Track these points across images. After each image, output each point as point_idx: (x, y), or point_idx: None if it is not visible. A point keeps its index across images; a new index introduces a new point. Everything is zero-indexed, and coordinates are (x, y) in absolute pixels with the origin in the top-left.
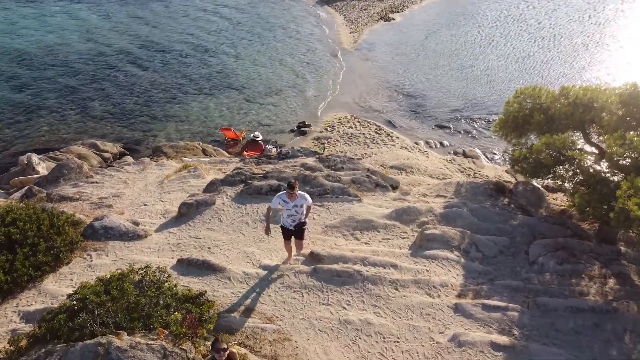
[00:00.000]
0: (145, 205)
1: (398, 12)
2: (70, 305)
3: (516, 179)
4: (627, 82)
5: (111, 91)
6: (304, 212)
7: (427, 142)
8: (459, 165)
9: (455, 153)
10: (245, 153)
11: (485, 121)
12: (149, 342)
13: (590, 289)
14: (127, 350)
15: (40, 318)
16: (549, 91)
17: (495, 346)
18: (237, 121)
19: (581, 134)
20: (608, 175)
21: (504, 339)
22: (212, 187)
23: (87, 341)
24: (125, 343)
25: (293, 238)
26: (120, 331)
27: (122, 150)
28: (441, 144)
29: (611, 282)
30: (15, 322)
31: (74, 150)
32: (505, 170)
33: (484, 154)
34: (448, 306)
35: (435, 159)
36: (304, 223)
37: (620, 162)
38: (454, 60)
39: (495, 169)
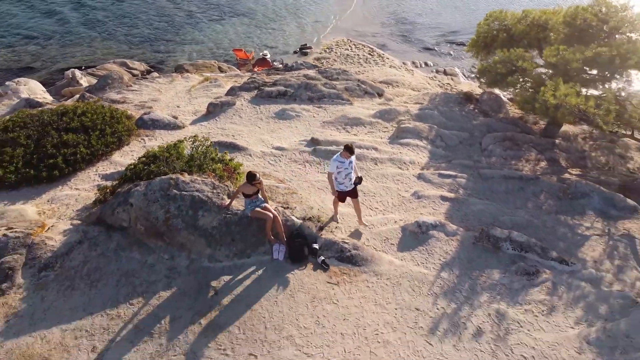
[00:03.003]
0: (178, 107)
1: None
2: (146, 158)
3: (484, 90)
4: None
5: (132, 20)
6: (356, 167)
7: (413, 63)
8: (439, 81)
9: (437, 71)
10: (256, 68)
11: (465, 45)
12: (203, 179)
13: (525, 167)
14: (189, 182)
15: (126, 167)
16: (513, 14)
17: (444, 198)
18: (246, 44)
19: (537, 50)
20: (546, 79)
21: (450, 194)
22: (232, 92)
23: (162, 177)
24: (187, 178)
25: (348, 199)
26: (184, 172)
27: (148, 68)
28: (426, 64)
29: (543, 164)
30: (97, 180)
31: (107, 68)
32: (478, 86)
33: (462, 72)
34: (413, 175)
35: (419, 76)
36: (360, 179)
37: (554, 69)
38: None
39: (470, 84)
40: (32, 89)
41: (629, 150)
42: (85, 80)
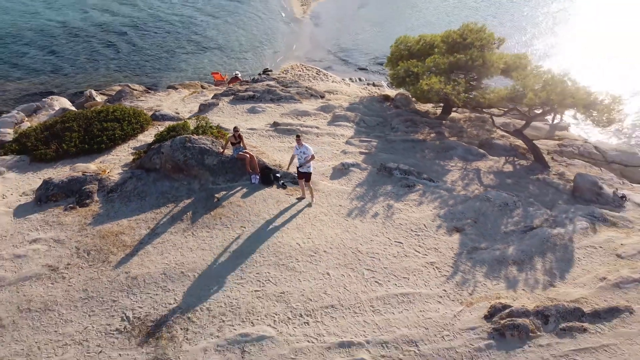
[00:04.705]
0: (177, 109)
1: None
2: (166, 130)
3: (398, 92)
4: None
5: (125, 52)
6: (308, 158)
7: (350, 79)
8: (369, 90)
9: (368, 84)
10: (230, 84)
11: None
12: (206, 137)
13: (419, 137)
14: (197, 139)
15: (154, 135)
16: (413, 38)
17: (361, 153)
18: (220, 69)
19: None
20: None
21: (366, 151)
22: (215, 97)
23: (181, 136)
24: (196, 137)
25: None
26: (193, 134)
27: (146, 89)
28: (359, 79)
29: (432, 135)
30: (129, 150)
31: (115, 89)
32: (393, 90)
33: (387, 84)
34: (343, 142)
35: (354, 87)
36: (310, 174)
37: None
38: (375, 25)
39: (391, 91)
40: (62, 103)
41: (487, 124)
42: (99, 98)
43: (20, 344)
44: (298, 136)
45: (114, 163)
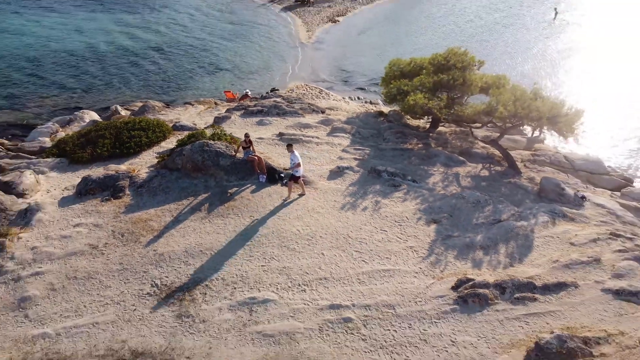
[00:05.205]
0: (194, 122)
1: (342, 15)
2: (187, 137)
3: (391, 109)
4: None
5: (147, 72)
6: (294, 164)
7: (350, 97)
8: (366, 108)
9: (365, 102)
10: (240, 101)
11: None
12: (221, 142)
13: (408, 146)
14: (214, 143)
15: (177, 141)
16: (405, 60)
17: (355, 159)
18: (231, 88)
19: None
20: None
21: (359, 157)
22: (228, 112)
23: (199, 141)
24: (212, 142)
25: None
26: (210, 139)
27: (165, 105)
28: (358, 97)
29: (419, 145)
30: (153, 155)
31: (137, 104)
32: (390, 109)
33: (382, 102)
34: (339, 150)
35: (352, 105)
36: (292, 175)
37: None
38: (374, 50)
39: (387, 109)
40: (92, 116)
41: (469, 136)
42: (124, 112)
43: (70, 303)
44: (289, 145)
45: (141, 165)
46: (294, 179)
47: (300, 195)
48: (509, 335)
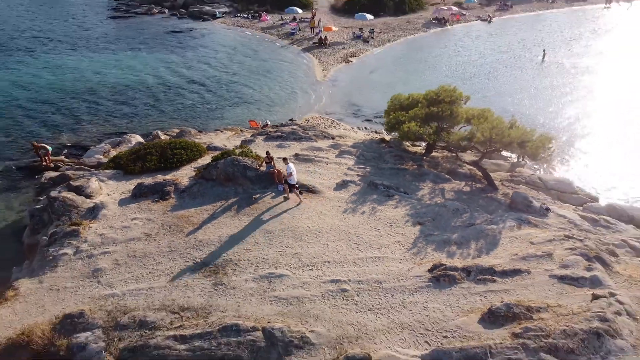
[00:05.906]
0: (224, 144)
1: (355, 57)
2: (220, 154)
3: (392, 137)
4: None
5: (183, 104)
6: (288, 174)
7: (358, 127)
8: (372, 136)
9: (371, 132)
10: (262, 129)
11: None
12: (247, 158)
13: (404, 166)
14: (242, 159)
15: (212, 157)
16: (404, 95)
17: (358, 175)
18: (255, 118)
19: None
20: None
21: (361, 175)
22: (252, 136)
23: (231, 156)
24: (241, 158)
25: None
26: (239, 156)
27: (198, 131)
28: (365, 127)
29: (414, 166)
30: (192, 169)
31: (174, 130)
32: (391, 137)
33: (385, 131)
34: (345, 168)
35: (360, 133)
36: (292, 185)
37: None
38: (383, 87)
39: (389, 137)
40: (137, 139)
41: (457, 160)
42: (163, 136)
43: (131, 274)
44: (284, 158)
45: (182, 176)
46: (289, 185)
47: (298, 204)
48: (470, 305)
